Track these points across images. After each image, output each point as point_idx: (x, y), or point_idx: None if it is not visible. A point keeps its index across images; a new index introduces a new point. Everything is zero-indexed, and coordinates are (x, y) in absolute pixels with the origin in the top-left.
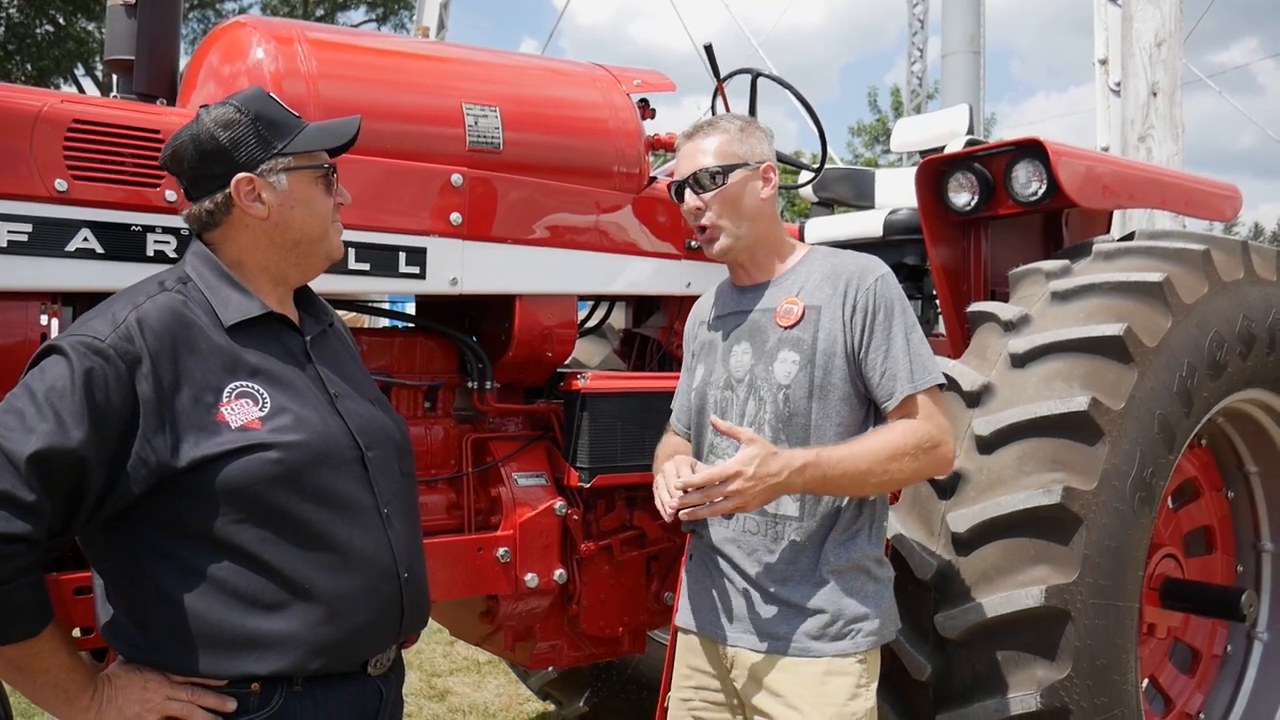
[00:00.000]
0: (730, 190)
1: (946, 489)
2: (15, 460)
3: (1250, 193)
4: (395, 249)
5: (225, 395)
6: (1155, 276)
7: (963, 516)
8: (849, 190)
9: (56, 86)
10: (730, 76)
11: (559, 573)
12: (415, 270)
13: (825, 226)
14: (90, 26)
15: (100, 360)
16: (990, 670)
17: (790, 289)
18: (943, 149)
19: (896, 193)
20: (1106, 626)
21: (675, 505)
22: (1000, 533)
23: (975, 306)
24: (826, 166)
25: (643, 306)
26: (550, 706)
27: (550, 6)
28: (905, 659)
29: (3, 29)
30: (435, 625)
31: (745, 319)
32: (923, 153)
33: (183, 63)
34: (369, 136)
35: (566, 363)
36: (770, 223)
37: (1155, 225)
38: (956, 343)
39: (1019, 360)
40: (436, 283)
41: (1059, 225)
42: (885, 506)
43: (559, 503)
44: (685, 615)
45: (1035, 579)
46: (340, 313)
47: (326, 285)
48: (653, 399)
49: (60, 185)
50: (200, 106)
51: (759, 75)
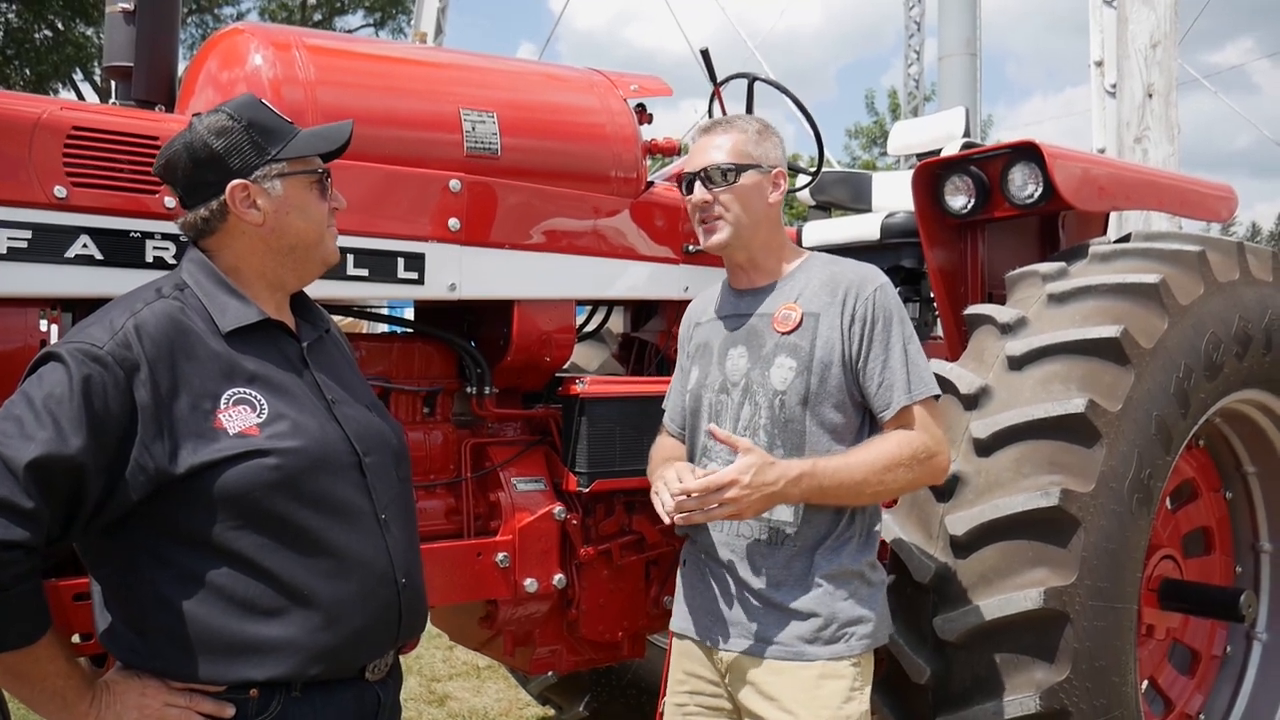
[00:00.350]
0: (740, 189)
1: (945, 492)
2: (14, 467)
3: (1246, 192)
4: (394, 254)
5: (223, 402)
6: (1151, 278)
7: (961, 519)
8: (846, 193)
9: (55, 91)
10: (727, 80)
11: (558, 577)
12: (414, 276)
13: (822, 229)
14: (89, 31)
15: (98, 367)
16: (989, 673)
17: (789, 295)
18: (939, 152)
19: (893, 196)
20: (1105, 628)
21: (671, 510)
22: (998, 535)
23: (972, 309)
24: (823, 169)
25: (641, 311)
26: (550, 711)
27: (547, 10)
28: (904, 662)
29: (1, 34)
30: (434, 630)
31: (742, 322)
32: (919, 156)
33: (181, 68)
34: (367, 142)
35: (565, 367)
36: (774, 227)
37: (1151, 227)
38: (954, 345)
39: (1016, 363)
40: (435, 288)
41: (1055, 227)
42: (879, 511)
43: (558, 507)
44: (680, 620)
45: (1034, 581)
46: (338, 318)
47: (325, 291)
48: (651, 403)
49: (59, 192)
50: (193, 115)
51: (756, 79)
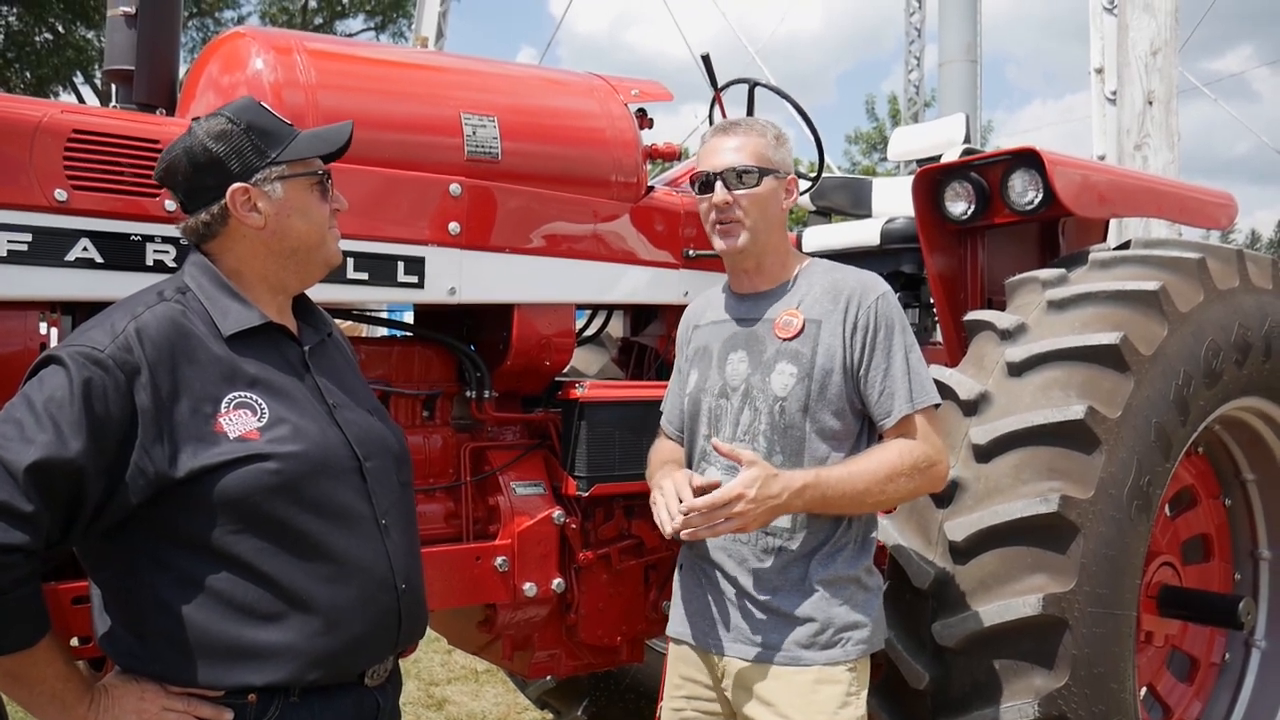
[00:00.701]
0: (760, 193)
1: (944, 498)
2: (13, 470)
3: (1246, 199)
4: (394, 258)
5: (224, 406)
6: (1151, 285)
7: (960, 525)
8: (846, 199)
9: (55, 94)
10: (728, 86)
11: (557, 582)
12: (414, 279)
13: (822, 235)
14: (89, 35)
15: (99, 370)
16: (988, 679)
17: (790, 301)
18: (939, 158)
19: (893, 201)
20: (1104, 635)
21: (677, 526)
22: (998, 541)
23: (972, 315)
24: (824, 175)
25: (640, 315)
26: (548, 715)
27: (548, 15)
28: (903, 668)
29: (2, 36)
30: (433, 634)
31: (743, 327)
32: (919, 161)
33: (181, 71)
34: (368, 146)
35: (564, 371)
36: (781, 233)
37: (1151, 234)
38: (953, 351)
39: (1016, 369)
40: (435, 292)
41: (1055, 234)
42: (874, 517)
43: (557, 512)
44: (677, 624)
45: (1033, 587)
46: (338, 322)
47: (325, 294)
48: (651, 408)
49: (60, 195)
50: (192, 119)
51: (756, 84)
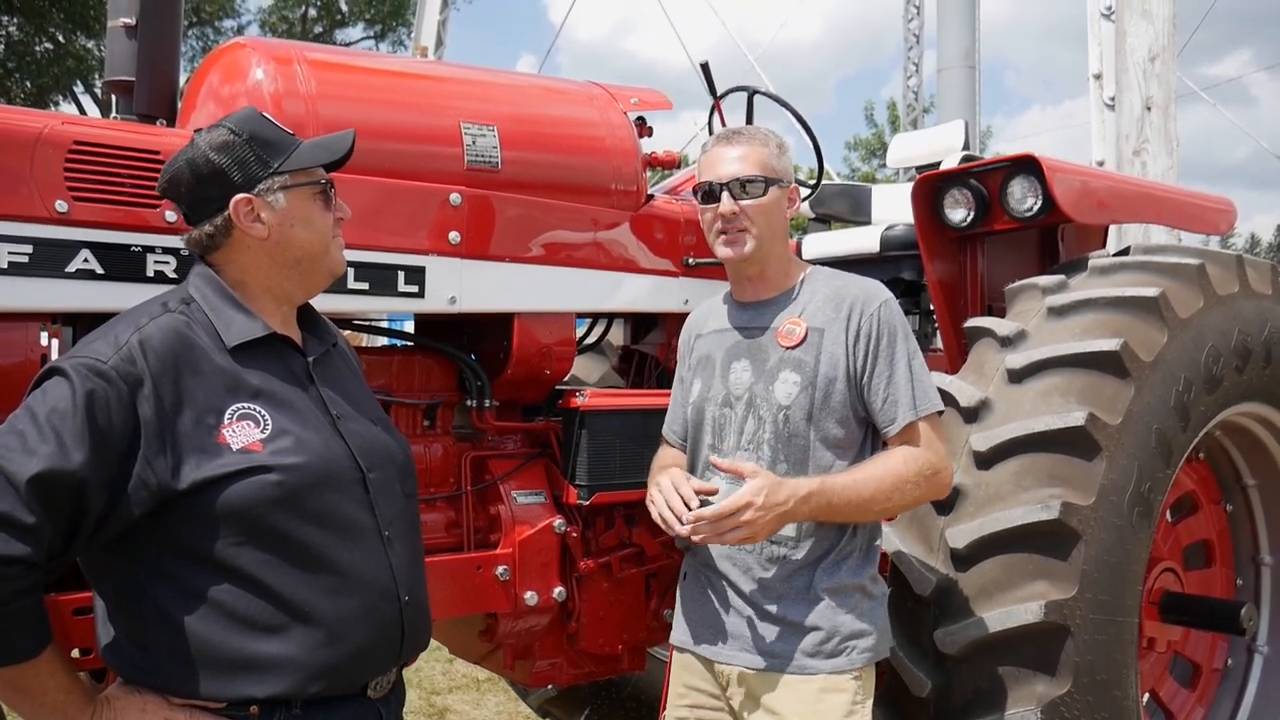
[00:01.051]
0: (765, 203)
1: (945, 505)
2: (16, 482)
3: (1245, 204)
4: (394, 268)
5: (227, 417)
6: (1151, 291)
7: (961, 532)
8: (845, 206)
9: (56, 104)
10: (727, 94)
11: (558, 590)
12: (414, 289)
13: (822, 242)
14: (89, 44)
15: (102, 382)
16: (990, 686)
17: (793, 309)
18: (939, 165)
19: (893, 208)
20: (1106, 641)
21: (685, 532)
22: (999, 548)
23: (972, 322)
24: (823, 182)
25: (641, 323)
26: None
27: (548, 22)
28: (905, 675)
29: (2, 46)
30: (434, 643)
31: (746, 335)
32: (919, 168)
33: (182, 81)
34: (368, 156)
35: (565, 380)
36: (785, 241)
37: (1150, 239)
38: (953, 358)
39: (1016, 375)
40: (435, 301)
41: (1055, 240)
42: (879, 526)
43: (558, 520)
44: (681, 633)
45: (1034, 594)
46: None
47: (325, 304)
48: (651, 416)
49: (60, 206)
50: (194, 130)
51: (756, 92)
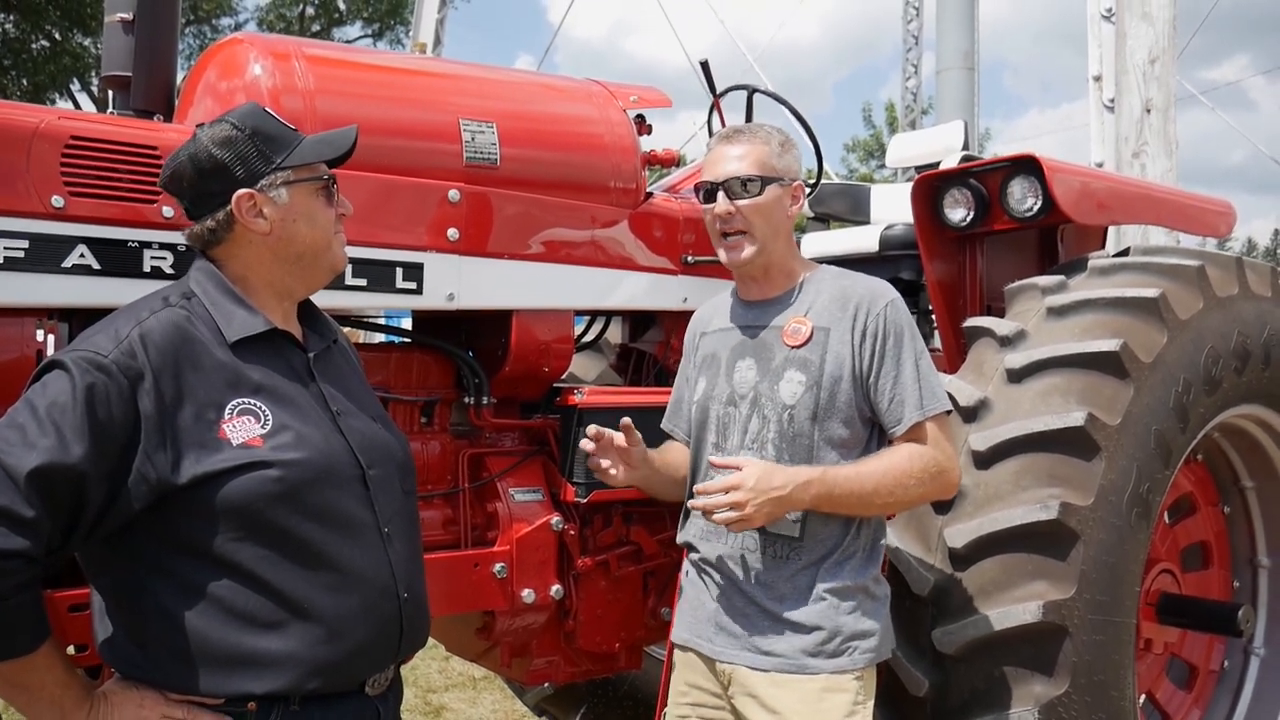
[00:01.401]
0: (763, 202)
1: (943, 504)
2: (15, 476)
3: (1243, 208)
4: (392, 264)
5: (227, 412)
6: (1151, 292)
7: (960, 532)
8: (845, 205)
9: (52, 101)
10: (726, 92)
11: (555, 588)
12: (412, 285)
13: (821, 242)
14: (86, 42)
15: (102, 376)
16: (988, 686)
17: (799, 308)
18: (938, 165)
19: (892, 208)
20: (1104, 642)
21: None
22: (997, 548)
23: (971, 322)
24: (822, 182)
25: (639, 321)
26: None
27: (546, 22)
28: (903, 675)
29: None
30: (431, 640)
31: (751, 334)
32: (918, 168)
33: (179, 77)
34: (366, 152)
35: (563, 377)
36: (788, 240)
37: (1150, 241)
38: (953, 358)
39: (1015, 375)
40: (433, 298)
41: (1054, 241)
42: (883, 526)
43: (555, 518)
44: (682, 631)
45: (1033, 594)
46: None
47: (323, 300)
48: (650, 414)
49: (57, 201)
50: (196, 125)
51: (755, 91)
